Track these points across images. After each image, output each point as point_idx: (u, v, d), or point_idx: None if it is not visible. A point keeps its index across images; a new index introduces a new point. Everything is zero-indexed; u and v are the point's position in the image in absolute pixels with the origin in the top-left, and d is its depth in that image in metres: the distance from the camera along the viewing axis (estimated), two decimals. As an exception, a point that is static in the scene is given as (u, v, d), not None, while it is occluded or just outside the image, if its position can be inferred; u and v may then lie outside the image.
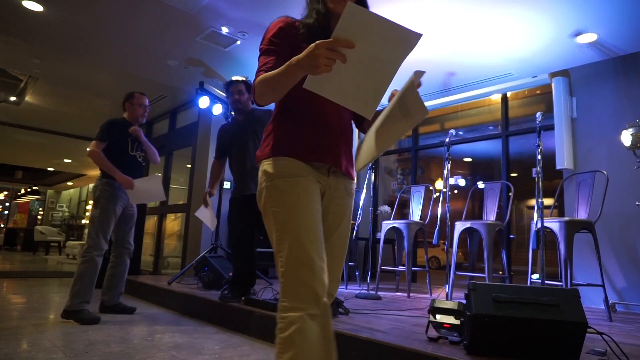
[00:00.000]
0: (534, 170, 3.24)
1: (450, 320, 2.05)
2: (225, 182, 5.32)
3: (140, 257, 5.36)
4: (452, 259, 3.61)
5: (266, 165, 1.26)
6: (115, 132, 3.31)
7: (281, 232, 1.19)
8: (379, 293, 3.79)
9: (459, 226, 3.75)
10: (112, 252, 3.39)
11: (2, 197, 18.46)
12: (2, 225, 17.34)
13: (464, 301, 1.98)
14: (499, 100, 5.22)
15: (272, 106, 1.32)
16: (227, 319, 3.00)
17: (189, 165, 6.30)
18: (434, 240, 3.36)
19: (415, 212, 4.42)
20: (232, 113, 3.59)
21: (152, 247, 6.82)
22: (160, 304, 3.86)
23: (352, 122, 1.45)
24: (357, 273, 4.69)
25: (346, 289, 4.30)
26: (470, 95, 5.24)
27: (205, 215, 3.72)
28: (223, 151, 3.43)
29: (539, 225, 2.72)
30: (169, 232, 7.01)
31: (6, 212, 18.28)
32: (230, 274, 3.69)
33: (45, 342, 2.39)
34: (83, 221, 14.05)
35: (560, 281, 3.04)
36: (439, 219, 3.87)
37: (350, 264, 4.50)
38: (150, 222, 6.90)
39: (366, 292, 3.68)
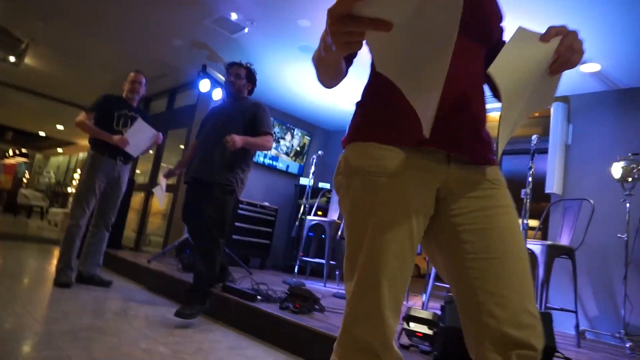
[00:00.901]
0: (523, 191, 3.28)
1: (424, 329, 2.06)
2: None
3: (122, 232, 5.32)
4: (432, 269, 3.63)
5: (346, 153, 0.94)
6: (105, 106, 3.37)
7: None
8: (356, 295, 3.81)
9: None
10: (92, 223, 3.39)
11: (-11, 156, 18.21)
12: (-14, 184, 17.11)
13: (439, 312, 2.00)
14: (497, 118, 5.26)
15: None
16: (203, 303, 3.00)
17: (183, 147, 6.27)
18: (418, 250, 3.38)
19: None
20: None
21: (135, 224, 6.78)
22: (138, 280, 3.84)
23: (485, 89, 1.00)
24: (337, 272, 4.71)
25: (324, 286, 4.32)
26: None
27: (161, 193, 3.71)
28: None
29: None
30: (154, 210, 6.97)
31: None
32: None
33: (17, 307, 2.37)
34: (69, 189, 13.90)
35: (535, 303, 3.08)
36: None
37: (331, 262, 4.52)
38: (137, 199, 6.85)
39: (344, 292, 3.69)
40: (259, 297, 2.73)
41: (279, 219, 5.87)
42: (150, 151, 7.14)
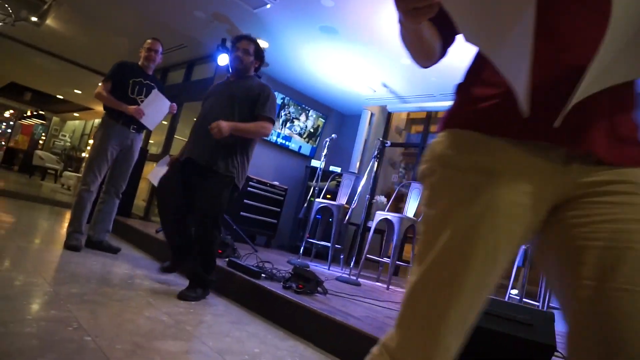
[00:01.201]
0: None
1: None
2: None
3: (133, 201, 5.39)
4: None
5: (435, 140, 0.78)
6: (119, 73, 3.37)
7: (418, 260, 0.71)
8: (359, 280, 3.84)
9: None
10: (102, 189, 3.44)
11: (8, 116, 18.44)
12: (2, 143, 17.38)
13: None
14: None
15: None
16: (207, 276, 3.04)
17: (194, 118, 6.27)
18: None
19: (411, 208, 4.43)
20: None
21: (146, 193, 6.85)
22: (146, 249, 3.90)
23: None
24: (341, 257, 4.74)
25: (328, 269, 4.35)
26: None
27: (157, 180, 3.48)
28: None
29: (528, 244, 2.73)
30: (166, 181, 7.03)
31: (9, 130, 18.30)
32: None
33: (27, 265, 2.43)
34: (83, 154, 14.07)
35: (538, 301, 3.08)
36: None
37: (337, 246, 4.54)
38: (149, 169, 6.92)
39: (347, 276, 3.72)
40: (263, 275, 2.76)
41: (287, 199, 5.89)
42: (164, 122, 7.18)
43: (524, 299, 2.75)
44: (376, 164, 4.05)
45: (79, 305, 1.91)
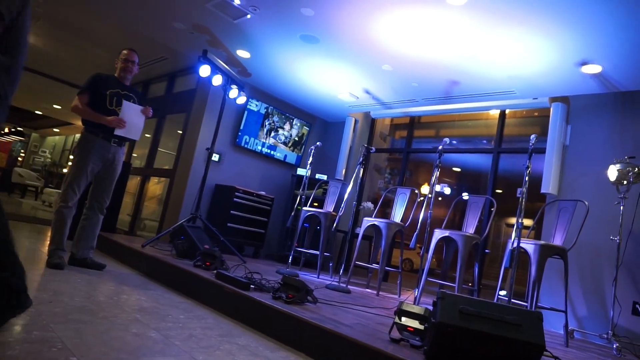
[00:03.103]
0: (519, 190, 3.28)
1: (415, 324, 2.08)
2: (214, 155, 5.28)
3: (117, 216, 5.31)
4: (425, 264, 3.65)
5: None
6: (95, 85, 3.31)
7: None
8: (349, 287, 3.83)
9: (438, 234, 3.79)
10: (85, 205, 3.37)
11: (-15, 133, 18.05)
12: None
13: (431, 307, 2.01)
14: (496, 116, 5.26)
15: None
16: (195, 290, 3.00)
17: (180, 132, 6.23)
18: (411, 244, 3.39)
19: (398, 213, 4.45)
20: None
21: (130, 208, 6.76)
22: (131, 265, 3.84)
23: None
24: (330, 264, 4.73)
25: (318, 278, 4.33)
26: (470, 106, 5.26)
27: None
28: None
29: (515, 244, 2.76)
30: (150, 195, 6.95)
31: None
32: (206, 245, 3.69)
33: (9, 287, 2.36)
34: (64, 170, 13.83)
35: (526, 301, 3.10)
36: (419, 223, 3.91)
37: (325, 254, 4.53)
38: (133, 183, 6.83)
39: (337, 284, 3.71)
40: (252, 286, 2.74)
41: (274, 208, 5.87)
42: (147, 135, 7.11)
43: (513, 300, 2.78)
44: (362, 170, 4.06)
45: (64, 325, 1.86)
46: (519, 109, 5.12)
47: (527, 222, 5.16)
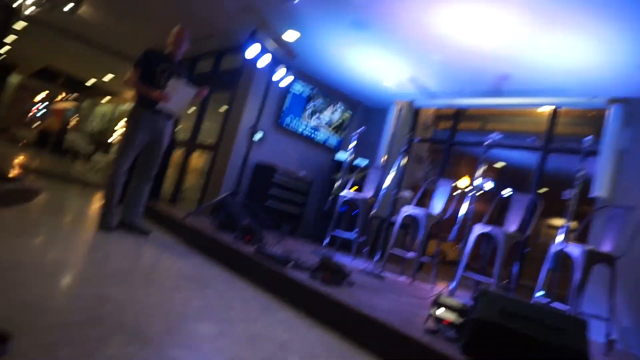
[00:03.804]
0: (566, 192, 3.18)
1: (452, 317, 2.07)
2: (257, 134, 5.34)
3: (161, 186, 5.50)
4: (463, 258, 3.61)
5: None
6: (147, 61, 3.41)
7: None
8: (383, 274, 3.84)
9: (478, 229, 3.72)
10: (134, 174, 3.52)
11: (41, 99, 18.98)
12: (36, 125, 17.92)
13: (467, 302, 2.00)
14: (548, 113, 5.05)
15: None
16: (235, 262, 3.09)
17: (224, 109, 6.34)
18: (451, 237, 3.36)
19: (437, 205, 4.40)
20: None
21: (173, 179, 6.98)
22: (174, 233, 3.99)
23: None
24: (365, 249, 4.74)
25: (352, 261, 4.36)
26: (521, 102, 5.07)
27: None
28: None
29: (561, 247, 2.68)
30: (193, 167, 7.15)
31: (41, 113, 18.85)
32: (245, 221, 3.78)
33: (66, 245, 2.52)
34: (111, 138, 14.39)
35: (567, 305, 3.02)
36: (460, 218, 3.85)
37: (361, 239, 4.55)
38: (176, 154, 7.03)
39: (372, 270, 3.73)
40: (290, 264, 2.79)
41: (312, 190, 5.92)
42: (192, 109, 7.28)
43: (553, 303, 2.71)
44: (406, 158, 4.02)
45: (116, 285, 1.97)
46: (573, 108, 4.90)
47: (572, 224, 4.98)
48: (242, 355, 1.56)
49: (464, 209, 3.87)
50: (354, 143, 4.57)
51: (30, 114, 18.98)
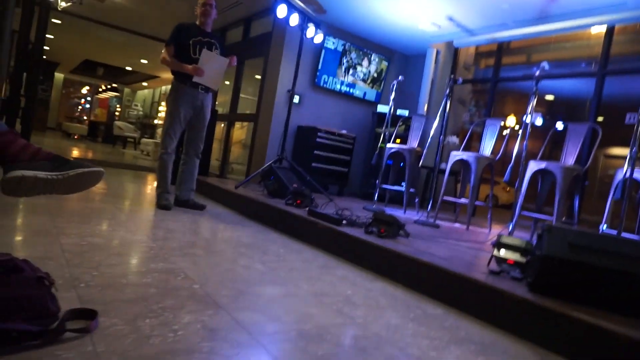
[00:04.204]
0: (629, 115, 2.95)
1: (516, 257, 2.02)
2: (295, 97, 5.30)
3: (209, 160, 5.65)
4: (519, 197, 3.49)
5: None
6: (179, 36, 3.42)
7: None
8: (437, 222, 3.80)
9: (533, 166, 3.57)
10: (182, 152, 3.61)
11: (85, 92, 19.74)
12: (85, 118, 18.75)
13: (529, 239, 1.94)
14: (601, 34, 4.65)
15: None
16: (289, 226, 3.16)
17: (258, 77, 6.32)
18: (505, 177, 3.23)
19: (487, 147, 4.24)
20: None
21: (218, 153, 7.14)
22: (227, 205, 4.11)
23: None
24: (416, 200, 4.69)
25: (404, 214, 4.34)
26: (570, 25, 4.69)
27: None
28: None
29: (628, 175, 2.52)
30: (235, 139, 7.27)
31: (87, 106, 19.65)
32: (294, 185, 3.82)
33: (129, 225, 2.65)
34: (155, 121, 14.83)
35: (638, 235, 2.88)
36: (513, 157, 3.69)
37: (410, 190, 4.49)
38: (218, 129, 7.15)
39: (425, 219, 3.69)
40: (344, 222, 2.81)
41: (356, 147, 5.87)
42: (227, 82, 7.31)
43: (623, 233, 2.58)
44: (449, 103, 3.87)
45: (181, 258, 2.07)
46: (630, 23, 4.47)
47: (624, 151, 4.66)
48: (310, 312, 1.60)
49: (516, 147, 3.71)
50: (393, 94, 4.44)
51: (79, 108, 19.85)
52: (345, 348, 1.34)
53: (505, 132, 4.42)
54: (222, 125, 7.17)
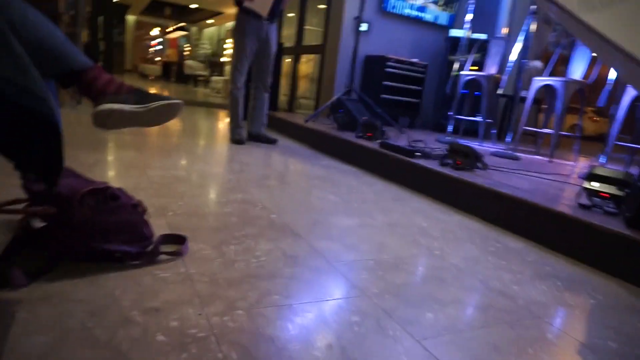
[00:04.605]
0: None
1: (611, 190, 1.85)
2: (362, 24, 5.05)
3: (277, 95, 5.66)
4: (615, 126, 3.16)
5: None
6: None
7: None
8: (517, 154, 3.58)
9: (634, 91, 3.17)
10: (251, 87, 3.62)
11: (157, 33, 20.27)
12: (158, 59, 19.41)
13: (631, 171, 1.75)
14: None
15: None
16: (361, 159, 3.13)
17: (322, 6, 6.05)
18: (600, 101, 2.92)
19: (576, 70, 3.82)
20: None
21: (286, 88, 7.12)
22: (297, 138, 4.14)
23: None
24: (493, 131, 4.43)
25: (480, 145, 4.13)
26: None
27: None
28: None
29: None
30: (302, 74, 7.17)
31: (159, 47, 20.24)
32: (364, 117, 3.73)
33: (208, 159, 2.77)
34: (222, 59, 15.01)
35: None
36: (609, 81, 3.31)
37: (487, 120, 4.23)
38: (285, 63, 7.07)
39: (504, 151, 3.49)
40: (417, 154, 2.73)
41: (428, 76, 5.57)
42: (291, 13, 7.09)
43: None
44: (535, 24, 3.47)
45: (258, 189, 2.13)
46: None
47: None
48: (385, 242, 1.60)
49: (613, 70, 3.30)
50: (469, 15, 4.06)
51: (151, 49, 20.53)
52: (423, 278, 1.33)
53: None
54: (288, 59, 7.08)
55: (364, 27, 5.40)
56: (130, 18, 18.15)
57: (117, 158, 2.47)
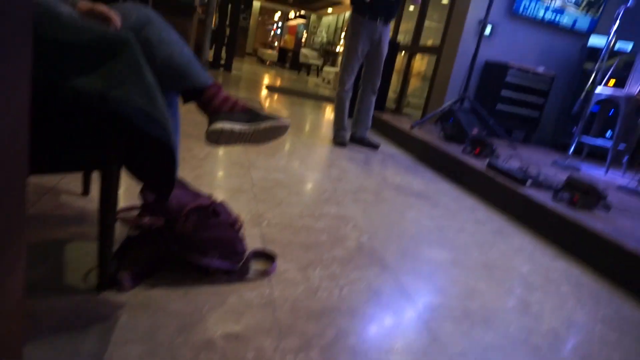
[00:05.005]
0: None
1: None
2: (487, 26, 4.73)
3: (386, 95, 5.58)
4: None
5: None
6: None
7: None
8: (652, 190, 3.11)
9: None
10: (359, 89, 3.61)
11: (277, 19, 21.16)
12: (276, 44, 20.29)
13: None
14: None
15: None
16: (464, 178, 2.97)
17: (446, 1, 5.78)
18: None
19: None
20: None
21: (396, 85, 6.99)
22: (400, 144, 4.05)
23: None
24: (625, 159, 3.90)
25: (605, 174, 3.67)
26: None
27: None
28: None
29: None
30: (415, 72, 6.97)
31: (279, 32, 21.10)
32: (475, 130, 3.53)
33: (308, 162, 2.83)
34: (337, 48, 15.17)
35: None
36: None
37: (619, 147, 3.74)
38: (398, 59, 6.92)
39: (635, 187, 3.06)
40: (529, 182, 2.51)
41: (554, 88, 5.07)
42: (411, 8, 6.89)
43: None
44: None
45: (352, 204, 2.13)
46: None
47: None
48: (478, 287, 1.50)
49: None
50: (618, 22, 3.58)
51: (271, 34, 21.50)
52: (514, 342, 1.23)
53: None
54: (402, 54, 6.92)
55: (488, 30, 5.07)
56: (256, 4, 19.13)
57: (225, 153, 2.63)
